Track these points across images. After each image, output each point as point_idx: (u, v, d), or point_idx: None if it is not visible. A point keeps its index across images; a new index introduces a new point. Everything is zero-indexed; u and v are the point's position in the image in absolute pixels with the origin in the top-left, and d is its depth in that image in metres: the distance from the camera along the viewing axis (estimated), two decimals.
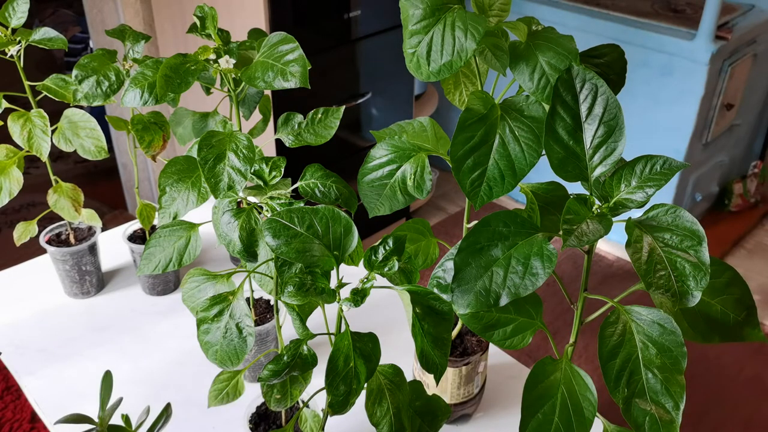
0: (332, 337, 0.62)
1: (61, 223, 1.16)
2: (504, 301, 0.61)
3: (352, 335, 0.58)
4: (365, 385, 0.61)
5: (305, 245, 0.57)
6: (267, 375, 0.62)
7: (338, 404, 0.56)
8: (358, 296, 0.57)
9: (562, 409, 0.62)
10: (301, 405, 0.85)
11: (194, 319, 0.76)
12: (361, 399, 0.61)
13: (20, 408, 1.80)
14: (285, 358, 0.63)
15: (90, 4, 2.29)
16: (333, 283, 0.60)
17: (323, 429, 0.71)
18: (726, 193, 2.73)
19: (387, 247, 0.58)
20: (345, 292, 0.59)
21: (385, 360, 0.64)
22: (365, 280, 0.58)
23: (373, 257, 0.58)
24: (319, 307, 0.70)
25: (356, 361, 0.57)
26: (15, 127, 0.97)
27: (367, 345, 0.58)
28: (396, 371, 0.67)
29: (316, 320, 0.76)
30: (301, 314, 0.67)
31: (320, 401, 0.74)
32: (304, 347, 0.64)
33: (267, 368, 0.62)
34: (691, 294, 0.59)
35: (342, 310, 0.59)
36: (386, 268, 0.58)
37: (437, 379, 0.58)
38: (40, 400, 0.99)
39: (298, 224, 0.57)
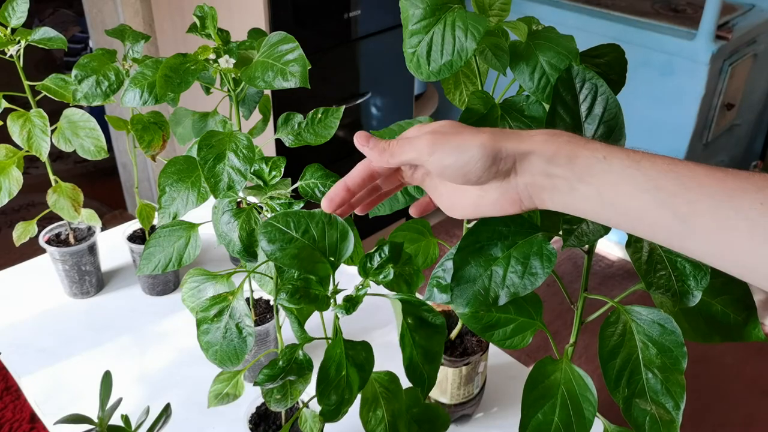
0: (329, 342, 0.62)
1: (61, 223, 1.16)
2: (503, 300, 0.61)
3: (345, 343, 0.57)
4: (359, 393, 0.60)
5: (300, 251, 0.56)
6: (262, 380, 0.61)
7: (330, 413, 0.55)
8: (350, 303, 0.56)
9: (562, 409, 0.62)
10: (301, 405, 0.85)
11: (194, 319, 0.76)
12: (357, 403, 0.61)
13: (20, 408, 1.80)
14: (280, 363, 0.62)
15: (90, 3, 2.29)
16: (331, 287, 0.59)
17: (322, 430, 0.71)
18: None
19: (382, 255, 0.57)
20: (341, 298, 0.58)
21: (383, 363, 0.63)
22: (359, 287, 0.57)
23: (368, 264, 0.57)
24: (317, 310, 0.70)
25: (349, 369, 0.56)
26: (14, 127, 0.97)
27: (360, 353, 0.57)
28: (391, 378, 0.66)
29: (316, 321, 0.76)
30: (300, 317, 0.67)
31: None
32: (300, 352, 0.63)
33: (262, 373, 0.61)
34: (692, 294, 0.59)
35: (338, 317, 0.59)
36: (381, 276, 0.56)
37: (424, 395, 0.57)
38: (39, 400, 0.99)
39: (293, 229, 0.56)
